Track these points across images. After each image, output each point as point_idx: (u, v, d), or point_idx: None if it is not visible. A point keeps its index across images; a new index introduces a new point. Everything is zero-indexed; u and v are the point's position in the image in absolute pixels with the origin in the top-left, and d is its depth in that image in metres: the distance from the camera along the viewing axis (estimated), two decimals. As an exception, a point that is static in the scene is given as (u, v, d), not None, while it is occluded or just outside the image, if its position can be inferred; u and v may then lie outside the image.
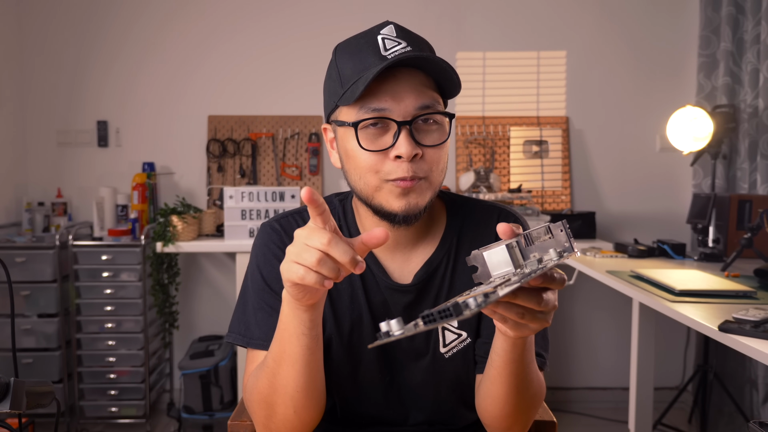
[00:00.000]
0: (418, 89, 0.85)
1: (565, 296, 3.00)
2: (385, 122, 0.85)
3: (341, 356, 0.94)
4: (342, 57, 0.89)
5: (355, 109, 0.85)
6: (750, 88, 2.59)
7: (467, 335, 0.96)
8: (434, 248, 0.97)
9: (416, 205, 0.87)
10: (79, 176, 3.00)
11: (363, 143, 0.85)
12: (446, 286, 0.96)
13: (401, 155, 0.83)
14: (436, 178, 0.88)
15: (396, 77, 0.84)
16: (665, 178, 3.03)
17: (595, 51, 3.01)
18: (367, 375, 0.96)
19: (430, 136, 0.86)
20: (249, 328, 0.93)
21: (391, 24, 0.88)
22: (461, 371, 0.96)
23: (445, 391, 0.97)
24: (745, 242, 1.99)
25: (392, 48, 0.85)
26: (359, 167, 0.87)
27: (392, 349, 0.95)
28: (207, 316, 3.02)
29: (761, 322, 1.26)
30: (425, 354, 0.95)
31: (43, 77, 2.97)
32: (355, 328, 0.94)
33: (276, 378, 0.83)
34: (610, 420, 2.83)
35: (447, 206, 1.01)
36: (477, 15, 3.00)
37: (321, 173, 2.98)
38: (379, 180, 0.86)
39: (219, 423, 2.57)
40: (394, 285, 0.95)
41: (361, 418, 0.99)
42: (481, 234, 0.98)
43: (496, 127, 3.01)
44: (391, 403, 0.97)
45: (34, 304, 2.55)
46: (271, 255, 0.95)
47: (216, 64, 2.98)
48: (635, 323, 2.25)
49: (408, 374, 0.96)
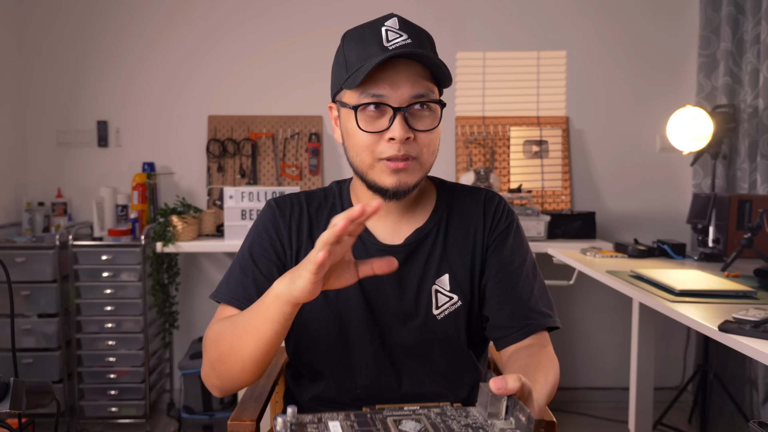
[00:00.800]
0: (414, 79, 0.93)
1: (565, 296, 3.00)
2: (382, 107, 0.93)
3: (328, 319, 1.02)
4: (348, 43, 0.97)
5: (356, 93, 0.94)
6: (750, 88, 2.59)
7: (458, 299, 1.03)
8: (425, 219, 1.06)
9: (406, 183, 0.96)
10: (79, 176, 3.00)
11: (361, 124, 0.94)
12: (437, 252, 1.04)
13: (394, 138, 0.93)
14: (427, 159, 0.98)
15: (395, 67, 0.93)
16: (665, 178, 3.03)
17: (595, 51, 3.01)
18: (357, 337, 1.01)
19: (422, 121, 0.95)
20: (221, 285, 1.04)
21: (395, 17, 0.96)
22: (452, 333, 1.03)
23: (437, 353, 1.03)
24: (745, 242, 1.98)
25: (394, 40, 0.93)
26: (356, 145, 0.96)
27: (381, 311, 1.02)
28: (207, 316, 3.02)
29: (761, 322, 1.26)
30: (416, 316, 1.02)
31: (43, 77, 2.97)
32: (341, 292, 1.00)
33: (237, 341, 0.90)
34: (610, 420, 2.83)
35: (437, 187, 1.11)
36: (477, 15, 3.00)
37: (321, 173, 2.98)
38: (372, 158, 0.96)
39: (219, 423, 2.57)
40: (383, 246, 1.03)
41: (353, 392, 1.02)
42: (469, 207, 1.08)
43: (496, 127, 3.01)
44: (382, 367, 1.01)
45: (34, 304, 2.55)
46: (261, 228, 1.06)
47: (216, 64, 2.98)
48: (635, 323, 2.25)
49: (398, 336, 1.02)
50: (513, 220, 1.09)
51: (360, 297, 1.01)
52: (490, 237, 1.06)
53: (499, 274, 1.04)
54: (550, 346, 1.03)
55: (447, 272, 1.03)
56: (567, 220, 2.76)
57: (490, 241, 1.06)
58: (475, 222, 1.07)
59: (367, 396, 1.02)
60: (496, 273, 1.04)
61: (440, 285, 1.03)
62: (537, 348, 0.99)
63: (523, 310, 1.02)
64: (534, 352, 0.98)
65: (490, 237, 1.06)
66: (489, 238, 1.06)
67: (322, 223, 1.06)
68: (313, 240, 1.04)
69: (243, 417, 1.04)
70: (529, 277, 1.06)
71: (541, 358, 0.96)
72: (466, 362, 1.05)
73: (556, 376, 0.95)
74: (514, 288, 1.03)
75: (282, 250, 1.04)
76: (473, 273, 1.04)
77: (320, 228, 1.05)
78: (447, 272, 1.03)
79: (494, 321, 1.03)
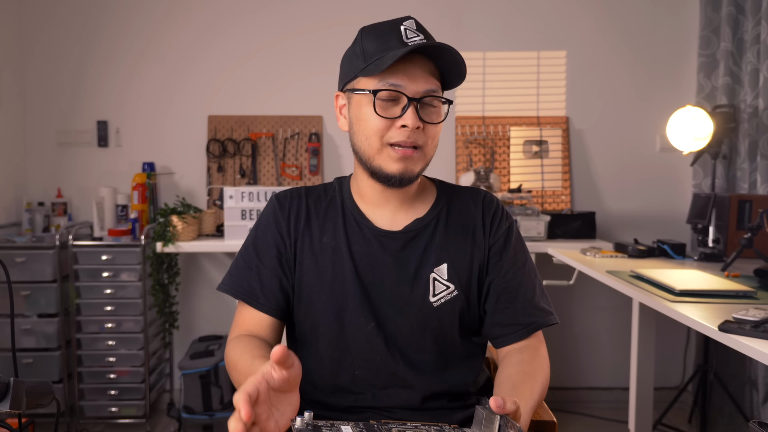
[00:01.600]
0: (427, 76, 1.01)
1: (565, 296, 3.00)
2: (398, 96, 0.99)
3: (325, 302, 1.05)
4: (368, 37, 1.03)
5: (374, 81, 1.00)
6: (750, 88, 2.59)
7: (455, 288, 1.06)
8: (425, 211, 1.10)
9: (411, 170, 1.02)
10: (79, 176, 3.00)
11: (377, 109, 0.99)
12: (437, 241, 1.07)
13: (407, 125, 0.99)
14: (430, 151, 1.04)
15: (413, 62, 1.00)
16: (665, 178, 3.03)
17: (595, 51, 3.01)
18: (353, 321, 1.04)
19: (431, 114, 1.02)
20: (226, 277, 1.11)
21: (412, 19, 1.04)
22: (446, 321, 1.06)
23: (429, 340, 1.05)
24: (745, 242, 1.98)
25: (412, 37, 1.01)
26: (368, 128, 1.01)
27: (376, 296, 1.05)
28: (207, 316, 3.02)
29: (761, 322, 1.26)
30: (412, 303, 1.05)
31: (43, 77, 2.97)
32: (337, 276, 1.05)
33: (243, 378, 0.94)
34: (610, 420, 2.83)
35: (437, 185, 1.16)
36: (477, 15, 3.00)
37: (321, 173, 2.98)
38: (381, 144, 1.01)
39: (219, 423, 2.56)
40: (382, 231, 1.07)
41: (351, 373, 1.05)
42: (468, 205, 1.12)
43: (496, 127, 3.01)
44: (376, 350, 1.04)
45: (34, 304, 2.55)
46: (264, 222, 1.11)
47: (216, 64, 2.98)
48: (635, 323, 2.25)
49: (394, 322, 1.05)
50: (512, 221, 1.14)
51: (356, 281, 1.05)
52: (493, 237, 1.10)
53: (505, 274, 1.08)
54: (543, 346, 1.08)
55: (446, 262, 1.06)
56: (567, 220, 2.76)
57: (492, 241, 1.09)
58: (474, 220, 1.11)
59: (364, 377, 1.04)
60: (501, 272, 1.08)
61: (438, 273, 1.06)
62: (529, 352, 1.04)
63: (528, 308, 1.07)
64: (525, 358, 1.02)
65: (492, 237, 1.10)
66: (492, 238, 1.10)
67: (320, 213, 1.10)
68: (310, 230, 1.08)
69: (243, 417, 1.04)
70: (531, 275, 1.10)
71: (530, 366, 1.01)
72: (458, 351, 1.08)
73: (544, 381, 1.01)
74: (519, 287, 1.08)
75: (282, 243, 1.08)
76: (472, 266, 1.08)
77: (318, 219, 1.10)
78: (446, 262, 1.06)
79: (497, 319, 1.07)
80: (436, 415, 1.04)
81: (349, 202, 1.10)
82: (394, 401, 1.04)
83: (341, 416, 1.04)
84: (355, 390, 1.05)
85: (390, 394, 1.04)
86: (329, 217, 1.10)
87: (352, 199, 1.10)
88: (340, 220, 1.09)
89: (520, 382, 0.96)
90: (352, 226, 1.08)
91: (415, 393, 1.04)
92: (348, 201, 1.10)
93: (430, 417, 1.03)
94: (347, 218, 1.09)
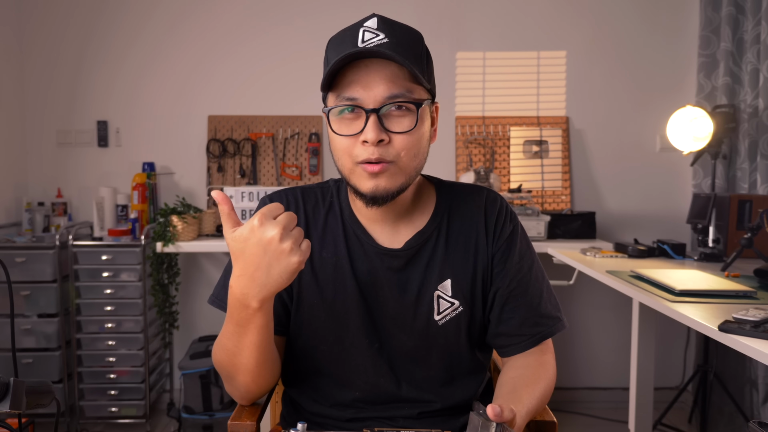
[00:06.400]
0: (389, 79, 0.89)
1: (565, 296, 3.00)
2: (357, 109, 0.90)
3: (325, 322, 1.01)
4: (329, 47, 0.95)
5: (333, 97, 0.93)
6: (750, 88, 2.59)
7: (460, 304, 1.01)
8: (425, 222, 1.03)
9: (385, 188, 0.92)
10: (79, 176, 3.00)
11: (337, 128, 0.92)
12: (439, 256, 1.01)
13: (367, 140, 0.89)
14: (407, 163, 0.92)
15: (368, 67, 0.89)
16: (665, 178, 3.03)
17: (595, 51, 3.00)
18: (355, 341, 1.01)
19: (399, 123, 0.91)
20: (216, 288, 1.07)
21: (376, 17, 0.93)
22: (452, 338, 1.02)
23: (435, 357, 1.02)
24: (745, 242, 1.98)
25: (369, 40, 0.89)
26: (337, 149, 0.94)
27: (379, 316, 1.01)
28: (207, 316, 3.02)
29: (761, 322, 1.26)
30: (417, 322, 1.01)
31: (43, 77, 2.97)
32: (338, 295, 1.00)
33: (236, 358, 0.92)
34: (610, 420, 2.83)
35: (436, 187, 1.08)
36: (477, 15, 3.00)
37: (321, 173, 2.98)
38: (351, 162, 0.92)
39: (219, 423, 2.56)
40: (383, 249, 1.01)
41: (352, 394, 1.02)
42: (470, 210, 1.05)
43: (496, 127, 3.01)
44: (380, 371, 1.01)
45: (34, 304, 2.55)
46: None
47: (216, 64, 2.98)
48: (635, 323, 2.25)
49: (397, 341, 1.01)
50: (517, 222, 1.07)
51: (359, 301, 1.00)
52: (496, 243, 1.03)
53: (510, 282, 1.02)
54: (550, 354, 1.04)
55: (449, 277, 1.01)
56: (567, 220, 2.76)
57: (496, 248, 1.03)
58: (477, 224, 1.04)
59: (366, 398, 1.02)
60: (505, 280, 1.02)
61: (442, 291, 1.01)
62: (534, 358, 1.01)
63: (534, 317, 1.02)
64: (529, 362, 1.00)
65: (495, 243, 1.03)
66: (495, 244, 1.03)
67: (319, 224, 1.04)
68: (309, 239, 1.00)
69: (243, 417, 1.04)
70: (538, 279, 1.05)
71: (533, 371, 0.98)
72: (465, 366, 1.05)
73: (546, 388, 0.97)
74: (524, 294, 1.03)
75: None
76: (475, 278, 1.02)
77: (317, 231, 1.03)
78: (449, 277, 1.01)
79: (503, 329, 1.03)
80: (436, 422, 1.02)
81: (347, 212, 1.03)
82: (396, 414, 1.02)
83: (342, 426, 1.02)
84: (357, 406, 1.03)
85: (391, 408, 1.02)
86: (329, 229, 1.03)
87: (350, 209, 1.03)
88: (341, 233, 1.02)
89: (520, 386, 0.94)
90: (353, 242, 1.01)
91: (417, 407, 1.02)
92: (347, 211, 1.03)
93: (430, 424, 1.01)
94: (348, 232, 1.02)
